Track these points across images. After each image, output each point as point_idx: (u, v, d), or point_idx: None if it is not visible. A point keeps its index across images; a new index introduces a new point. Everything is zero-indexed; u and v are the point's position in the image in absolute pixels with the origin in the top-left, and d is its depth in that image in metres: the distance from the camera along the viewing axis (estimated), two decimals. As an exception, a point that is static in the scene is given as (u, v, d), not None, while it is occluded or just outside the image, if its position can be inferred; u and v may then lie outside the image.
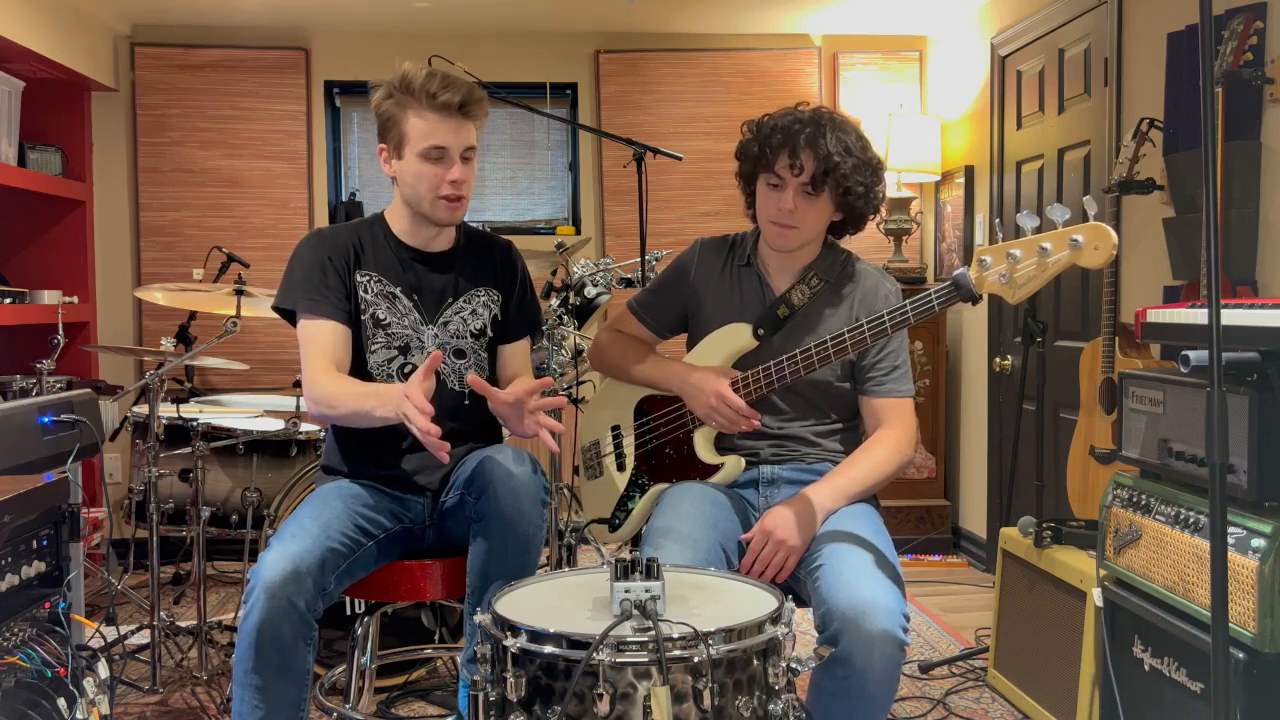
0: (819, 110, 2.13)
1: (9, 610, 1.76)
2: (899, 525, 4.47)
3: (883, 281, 2.23)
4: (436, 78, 2.06)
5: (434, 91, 2.05)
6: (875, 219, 2.42)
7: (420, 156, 2.09)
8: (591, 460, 2.47)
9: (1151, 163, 2.97)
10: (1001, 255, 1.81)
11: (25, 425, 2.23)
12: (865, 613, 1.78)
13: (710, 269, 2.29)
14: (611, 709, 1.41)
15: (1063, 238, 1.75)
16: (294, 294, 2.14)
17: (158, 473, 3.02)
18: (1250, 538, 1.96)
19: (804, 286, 2.19)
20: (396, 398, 1.88)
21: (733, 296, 2.26)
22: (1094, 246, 1.72)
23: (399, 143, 2.11)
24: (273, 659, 1.87)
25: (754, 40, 4.84)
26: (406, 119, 2.08)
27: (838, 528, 2.03)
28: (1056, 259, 1.76)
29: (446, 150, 2.09)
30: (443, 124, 2.07)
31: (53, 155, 4.37)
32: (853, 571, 1.87)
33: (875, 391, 2.18)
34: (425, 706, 2.96)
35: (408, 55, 2.19)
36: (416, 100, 2.06)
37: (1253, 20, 2.58)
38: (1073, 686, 2.60)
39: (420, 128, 2.07)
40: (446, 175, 2.10)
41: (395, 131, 2.10)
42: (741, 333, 2.20)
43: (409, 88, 2.07)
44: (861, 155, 2.10)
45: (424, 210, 2.14)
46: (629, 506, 2.36)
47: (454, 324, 2.22)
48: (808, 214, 2.12)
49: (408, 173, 2.12)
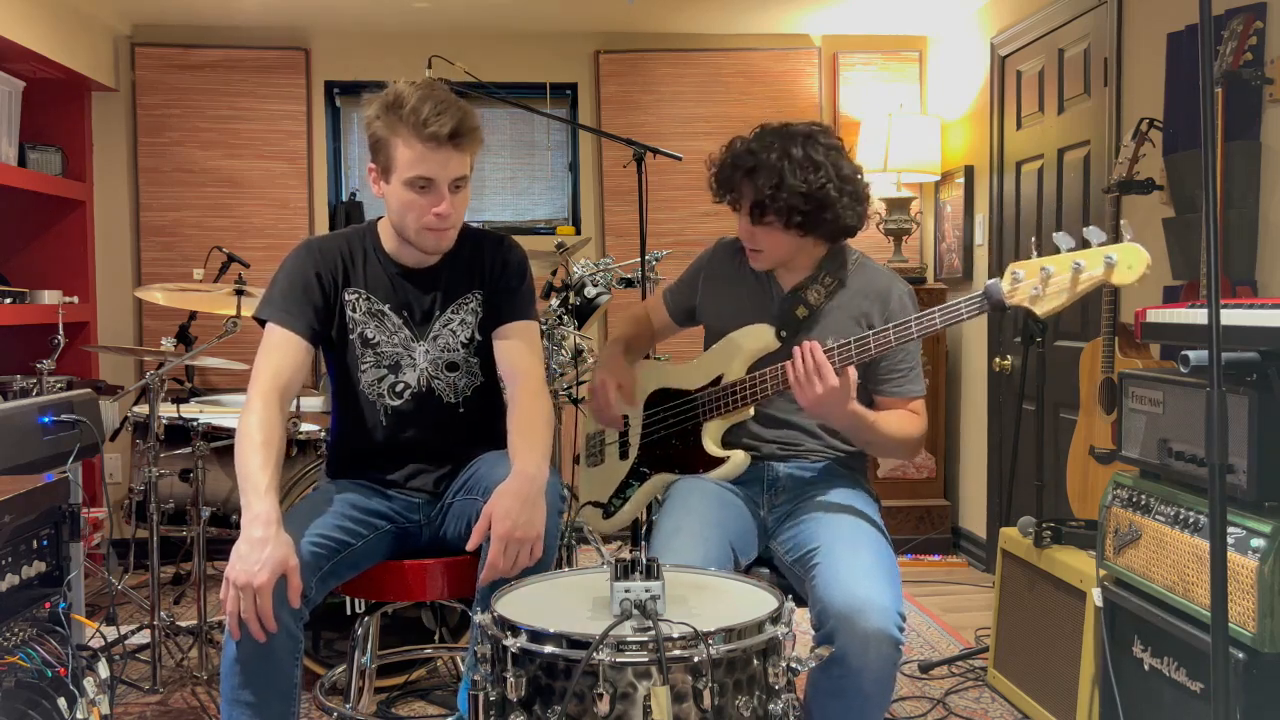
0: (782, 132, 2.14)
1: (9, 610, 1.76)
2: (899, 525, 4.47)
3: (895, 283, 2.24)
4: (428, 103, 1.94)
5: (424, 119, 1.93)
6: (877, 223, 2.45)
7: (406, 185, 2.00)
8: (594, 448, 2.52)
9: (1151, 163, 2.97)
10: (1035, 270, 1.87)
11: (25, 425, 2.23)
12: (860, 611, 1.79)
13: (721, 266, 2.36)
14: (611, 709, 1.41)
15: (1098, 256, 1.82)
16: (270, 305, 2.09)
17: (158, 473, 3.02)
18: (1250, 538, 1.96)
19: (819, 286, 2.21)
20: (252, 539, 1.80)
21: (739, 293, 2.30)
22: (1128, 265, 1.80)
23: (386, 167, 2.02)
24: (259, 672, 1.85)
25: (754, 40, 4.84)
26: (395, 144, 1.98)
27: (835, 526, 2.03)
28: (1090, 275, 1.83)
29: (433, 181, 1.99)
30: (431, 155, 1.96)
31: (53, 155, 4.37)
32: (849, 570, 1.87)
33: (893, 391, 2.19)
34: (425, 706, 2.96)
35: (408, 55, 2.18)
36: (405, 126, 1.95)
37: (1252, 20, 2.58)
38: (1072, 686, 2.60)
39: (407, 156, 1.97)
40: (432, 207, 2.01)
41: (384, 155, 2.01)
42: (764, 334, 2.22)
43: (399, 111, 1.96)
44: (805, 185, 2.09)
45: (409, 238, 2.08)
46: (626, 494, 2.39)
47: (443, 337, 2.16)
48: (765, 240, 2.18)
49: (394, 199, 2.04)
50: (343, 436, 2.24)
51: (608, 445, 2.47)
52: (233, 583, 1.79)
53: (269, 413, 1.97)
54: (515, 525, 1.86)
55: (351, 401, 2.18)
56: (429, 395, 2.17)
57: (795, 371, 1.99)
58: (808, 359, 1.97)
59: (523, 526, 1.87)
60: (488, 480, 2.04)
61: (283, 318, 2.07)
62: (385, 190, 2.06)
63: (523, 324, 2.18)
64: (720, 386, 2.25)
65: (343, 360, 2.16)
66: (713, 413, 2.25)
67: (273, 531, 1.82)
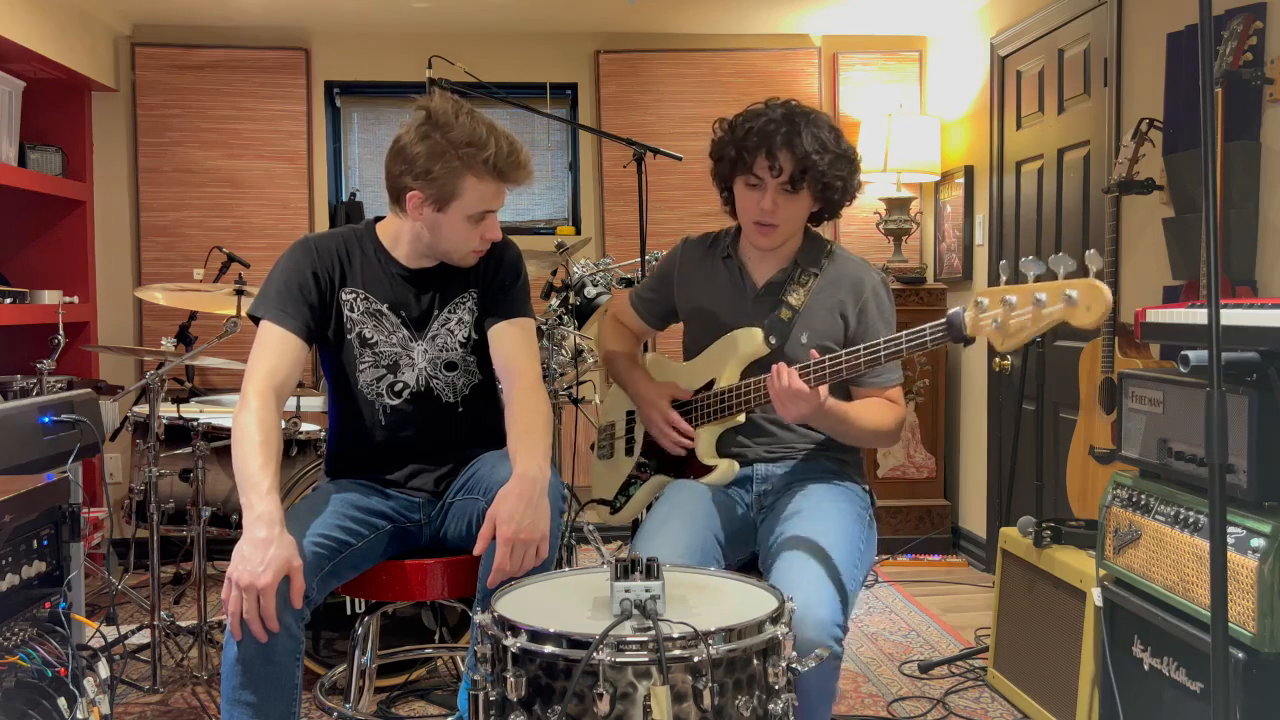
0: (790, 106, 2.17)
1: (9, 610, 1.76)
2: (899, 525, 4.47)
3: (868, 273, 2.25)
4: (506, 150, 2.01)
5: (504, 166, 2.01)
6: (877, 223, 2.44)
7: (469, 219, 2.05)
8: (605, 440, 2.56)
9: (1151, 163, 2.98)
10: (998, 300, 1.79)
11: (26, 425, 2.23)
12: (800, 622, 1.77)
13: (692, 265, 2.36)
14: (611, 709, 1.41)
15: (1059, 290, 1.71)
16: (265, 302, 2.08)
17: (158, 472, 3.02)
18: (1250, 538, 1.96)
19: (798, 285, 2.22)
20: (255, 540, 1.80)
21: (715, 289, 2.31)
22: (1087, 306, 1.68)
23: (445, 199, 2.02)
24: (260, 673, 1.85)
25: (754, 40, 4.84)
26: (464, 180, 2.01)
27: (797, 530, 2.03)
28: (1050, 312, 1.72)
29: (493, 211, 2.08)
30: (502, 191, 2.06)
31: (53, 155, 4.37)
32: (795, 579, 1.86)
33: (870, 383, 2.21)
34: (425, 706, 2.96)
35: (408, 55, 2.18)
36: (484, 167, 2.00)
37: (1252, 20, 2.58)
38: (1072, 686, 2.60)
39: (479, 193, 2.03)
40: (485, 233, 2.09)
41: (446, 188, 2.01)
42: (755, 337, 2.22)
43: (477, 151, 1.99)
44: (837, 149, 2.14)
45: (453, 260, 2.13)
46: (630, 492, 2.42)
47: (441, 337, 2.17)
48: (787, 211, 2.16)
49: (446, 227, 2.06)
50: (342, 436, 2.23)
51: (616, 439, 2.51)
52: (235, 583, 1.79)
53: (266, 411, 1.97)
54: (520, 527, 1.86)
55: (350, 401, 2.18)
56: (427, 395, 2.17)
57: (772, 391, 2.01)
58: (782, 382, 1.99)
59: (527, 528, 1.87)
60: (489, 480, 2.04)
61: (278, 316, 2.06)
62: (433, 218, 2.06)
63: (518, 321, 2.18)
64: (713, 392, 2.25)
65: (340, 360, 2.16)
66: (705, 418, 2.26)
67: (276, 532, 1.82)
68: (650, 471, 2.39)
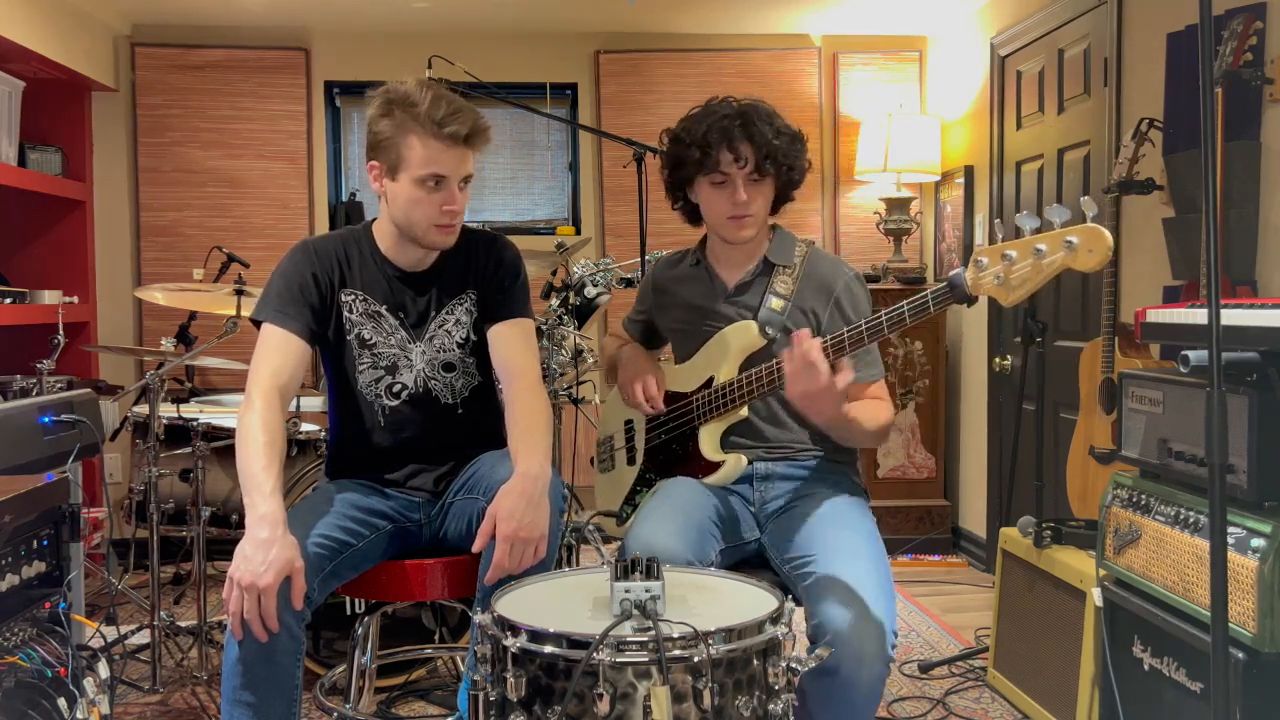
0: (737, 101, 2.25)
1: (9, 610, 1.76)
2: (899, 525, 4.47)
3: (839, 267, 2.28)
4: (443, 104, 1.97)
5: (440, 119, 1.96)
6: (877, 223, 2.43)
7: (417, 183, 2.01)
8: (605, 453, 2.54)
9: (1151, 163, 2.97)
10: (997, 256, 1.80)
11: (25, 425, 2.23)
12: (858, 632, 1.80)
13: (665, 280, 2.42)
14: (611, 709, 1.41)
15: (1058, 239, 1.72)
16: (267, 306, 2.08)
17: (158, 473, 3.02)
18: (1250, 538, 1.96)
19: (782, 279, 2.25)
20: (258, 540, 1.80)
21: (688, 297, 2.35)
22: (1089, 249, 1.69)
23: (394, 165, 2.02)
24: (260, 673, 1.85)
25: (754, 40, 4.84)
26: (407, 142, 1.99)
27: (831, 534, 2.03)
28: (1051, 260, 1.73)
29: (445, 179, 2.01)
30: (446, 153, 1.99)
31: (53, 155, 4.37)
32: (846, 587, 1.88)
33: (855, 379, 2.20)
34: (425, 706, 2.96)
35: (408, 55, 2.18)
36: (420, 125, 1.97)
37: (1252, 20, 2.58)
38: (1072, 686, 2.60)
39: (422, 155, 1.99)
40: (444, 204, 2.03)
41: (392, 153, 2.01)
42: (749, 329, 2.23)
43: (412, 110, 1.97)
44: (789, 131, 2.22)
45: (415, 235, 2.08)
46: (635, 500, 2.41)
47: (439, 338, 2.17)
48: (757, 199, 2.20)
49: (401, 197, 2.04)
50: (341, 437, 2.24)
51: (616, 451, 2.50)
52: (237, 583, 1.79)
53: (270, 412, 1.97)
54: (520, 526, 1.86)
55: (349, 402, 2.18)
56: (426, 396, 2.17)
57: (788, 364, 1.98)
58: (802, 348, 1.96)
59: (527, 527, 1.87)
60: (489, 480, 2.04)
61: (280, 318, 2.06)
62: (390, 188, 2.06)
63: (518, 321, 2.17)
64: (713, 389, 2.25)
65: (340, 361, 2.16)
66: (707, 416, 2.26)
67: (279, 533, 1.82)
68: (655, 478, 2.38)
